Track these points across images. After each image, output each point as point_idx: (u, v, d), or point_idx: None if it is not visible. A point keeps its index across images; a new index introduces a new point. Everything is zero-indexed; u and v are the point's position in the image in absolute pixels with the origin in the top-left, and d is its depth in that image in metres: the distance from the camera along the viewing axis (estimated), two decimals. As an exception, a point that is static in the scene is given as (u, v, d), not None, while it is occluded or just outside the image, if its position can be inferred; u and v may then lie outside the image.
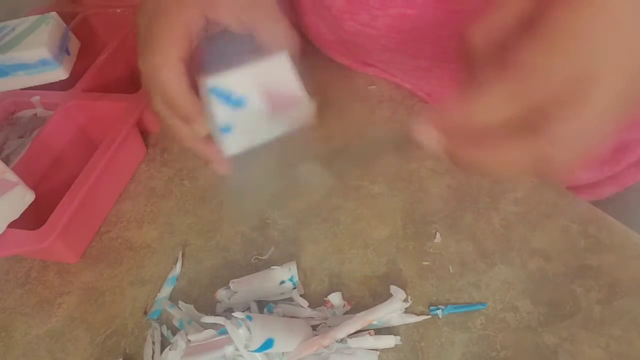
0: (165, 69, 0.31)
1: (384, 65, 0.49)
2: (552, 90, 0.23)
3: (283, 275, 0.36)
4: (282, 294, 0.36)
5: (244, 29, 0.35)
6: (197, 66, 0.34)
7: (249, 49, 0.34)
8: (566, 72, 0.23)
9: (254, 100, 0.31)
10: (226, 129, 0.31)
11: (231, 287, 0.36)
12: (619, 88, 0.23)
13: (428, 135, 0.26)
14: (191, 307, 0.36)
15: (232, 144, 0.32)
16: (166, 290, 0.38)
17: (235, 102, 0.31)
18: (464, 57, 0.26)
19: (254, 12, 0.34)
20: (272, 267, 0.37)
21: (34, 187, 0.39)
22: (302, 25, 0.44)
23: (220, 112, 0.31)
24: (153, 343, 0.35)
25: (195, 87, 0.33)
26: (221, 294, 0.37)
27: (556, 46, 0.23)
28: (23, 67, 0.46)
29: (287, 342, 0.31)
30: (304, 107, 0.32)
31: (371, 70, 0.51)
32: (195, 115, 0.32)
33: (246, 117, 0.31)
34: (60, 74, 0.47)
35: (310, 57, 0.53)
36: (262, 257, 0.39)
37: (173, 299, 0.38)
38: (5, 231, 0.37)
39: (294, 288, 0.36)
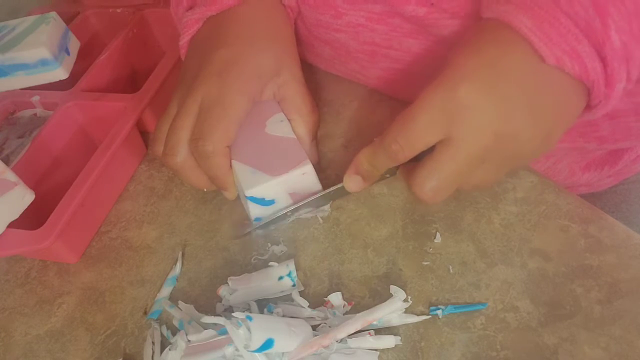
0: (217, 156, 0.37)
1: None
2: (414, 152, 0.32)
3: (281, 272, 0.36)
4: (282, 292, 0.36)
5: (274, 99, 0.41)
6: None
7: (268, 112, 0.41)
8: (426, 140, 0.31)
9: (281, 199, 0.39)
10: (257, 219, 0.39)
11: (229, 284, 0.36)
12: (476, 149, 0.30)
13: (351, 179, 0.36)
14: (191, 307, 0.36)
15: (260, 226, 0.40)
16: (166, 290, 0.38)
17: (267, 203, 0.38)
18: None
19: (285, 89, 0.40)
20: (270, 264, 0.37)
21: (33, 187, 0.39)
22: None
23: (254, 210, 0.39)
24: (153, 343, 0.35)
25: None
26: (223, 290, 0.37)
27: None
28: (23, 67, 0.46)
29: (287, 342, 0.31)
30: (320, 199, 0.40)
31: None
32: (230, 186, 0.39)
33: (273, 210, 0.39)
34: (60, 74, 0.47)
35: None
36: (262, 257, 0.39)
37: (173, 299, 0.38)
38: (5, 231, 0.37)
39: (293, 285, 0.36)
